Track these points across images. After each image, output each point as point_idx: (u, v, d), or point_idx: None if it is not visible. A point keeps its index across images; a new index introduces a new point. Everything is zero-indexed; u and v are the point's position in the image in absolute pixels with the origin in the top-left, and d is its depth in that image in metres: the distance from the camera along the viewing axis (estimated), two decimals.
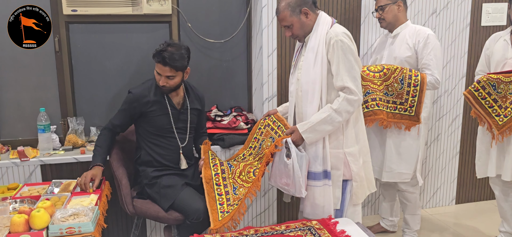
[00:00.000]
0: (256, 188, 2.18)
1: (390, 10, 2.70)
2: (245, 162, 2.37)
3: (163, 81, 2.33)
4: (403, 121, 2.64)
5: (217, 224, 2.10)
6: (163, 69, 2.30)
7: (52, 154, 2.69)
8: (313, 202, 2.27)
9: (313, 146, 2.23)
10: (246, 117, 3.04)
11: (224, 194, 2.25)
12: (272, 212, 3.16)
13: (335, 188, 2.26)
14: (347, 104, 2.14)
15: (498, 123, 2.58)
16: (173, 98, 2.45)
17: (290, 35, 2.28)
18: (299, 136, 2.20)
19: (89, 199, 2.22)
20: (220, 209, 2.18)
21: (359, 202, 2.32)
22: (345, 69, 2.13)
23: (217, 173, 2.36)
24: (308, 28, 2.24)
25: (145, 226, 2.92)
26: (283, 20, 2.24)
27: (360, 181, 2.29)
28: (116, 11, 2.75)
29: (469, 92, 2.63)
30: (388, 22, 2.73)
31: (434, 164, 3.50)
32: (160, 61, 2.29)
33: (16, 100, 2.83)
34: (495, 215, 3.38)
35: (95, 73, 2.94)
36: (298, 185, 2.19)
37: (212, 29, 3.07)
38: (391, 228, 3.12)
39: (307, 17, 2.21)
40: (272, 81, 2.96)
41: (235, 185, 2.27)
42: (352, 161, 2.25)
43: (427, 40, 2.61)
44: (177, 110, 2.46)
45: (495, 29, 3.37)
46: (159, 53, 2.28)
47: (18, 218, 1.86)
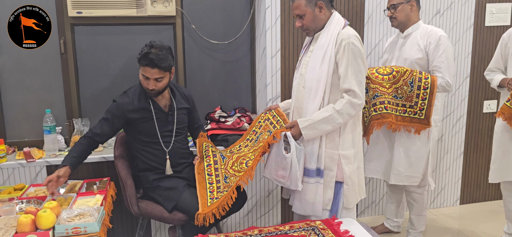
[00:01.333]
0: (249, 177, 2.19)
1: (403, 9, 2.65)
2: (239, 154, 2.38)
3: (152, 84, 2.28)
4: (413, 125, 2.60)
5: (205, 209, 2.14)
6: (151, 72, 2.25)
7: (58, 155, 2.71)
8: (303, 198, 2.28)
9: (310, 144, 2.24)
10: (250, 118, 3.05)
11: (215, 183, 2.28)
12: (276, 213, 3.16)
13: (327, 189, 2.26)
14: (350, 107, 2.14)
15: None
16: (159, 102, 2.43)
17: (300, 26, 2.27)
18: (298, 131, 2.21)
19: (94, 199, 2.23)
20: (209, 196, 2.21)
21: (350, 206, 2.29)
22: (353, 72, 2.13)
23: (210, 164, 2.40)
24: (320, 23, 2.24)
25: (150, 227, 2.94)
26: (297, 8, 2.23)
27: (352, 185, 2.27)
28: (121, 13, 2.77)
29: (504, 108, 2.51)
30: (400, 22, 2.68)
31: (438, 164, 3.49)
32: (147, 64, 2.24)
33: (22, 102, 2.86)
34: (500, 216, 3.37)
35: (100, 75, 2.96)
36: (295, 178, 2.21)
37: (216, 30, 3.08)
38: (395, 229, 3.12)
39: (321, 11, 2.21)
40: (276, 82, 2.97)
41: (226, 174, 2.30)
42: (346, 164, 2.24)
43: (438, 42, 2.56)
44: (165, 113, 2.44)
45: (499, 29, 3.36)
46: (145, 56, 2.23)
47: (24, 218, 1.88)
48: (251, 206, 3.10)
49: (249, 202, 3.08)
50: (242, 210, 3.02)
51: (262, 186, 3.09)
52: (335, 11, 2.27)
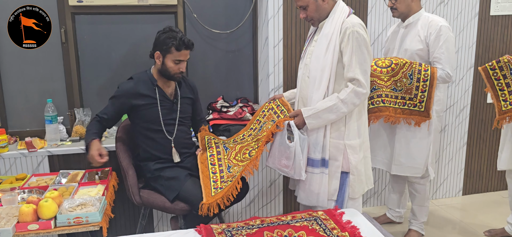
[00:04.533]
0: (254, 167, 2.19)
1: (403, 0, 2.62)
2: (242, 144, 2.38)
3: (184, 66, 2.36)
4: (413, 117, 2.58)
5: (210, 199, 2.14)
6: (186, 54, 2.35)
7: (60, 145, 2.71)
8: (308, 188, 2.28)
9: (314, 133, 2.23)
10: (252, 108, 3.03)
11: (218, 172, 2.28)
12: (278, 203, 3.16)
13: (333, 179, 2.25)
14: (354, 96, 2.12)
15: (501, 109, 2.52)
16: (166, 89, 2.44)
17: (304, 17, 2.25)
18: (302, 121, 2.20)
19: (96, 189, 2.24)
20: (213, 185, 2.21)
21: (356, 196, 2.28)
22: (357, 61, 2.11)
23: (212, 155, 2.41)
24: (324, 12, 2.22)
25: (152, 216, 2.94)
26: (299, 0, 2.22)
27: (358, 175, 2.26)
28: (122, 1, 2.74)
29: (484, 68, 2.53)
30: (401, 12, 2.65)
31: (441, 155, 3.48)
32: (186, 47, 2.32)
33: (24, 91, 2.85)
34: (502, 207, 3.37)
35: (101, 64, 2.94)
36: (298, 168, 2.20)
37: (218, 19, 3.05)
38: (398, 220, 3.12)
39: (324, 1, 2.19)
40: (278, 71, 2.95)
41: (229, 164, 2.30)
42: (351, 154, 2.22)
43: (439, 32, 2.52)
44: (170, 100, 2.45)
45: (504, 18, 3.33)
46: (181, 40, 2.29)
47: (26, 208, 1.88)
48: (253, 196, 3.10)
49: (251, 192, 3.07)
50: (244, 200, 3.02)
51: (265, 176, 3.08)
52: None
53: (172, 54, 2.31)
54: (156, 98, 2.40)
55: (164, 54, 2.33)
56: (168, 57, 2.32)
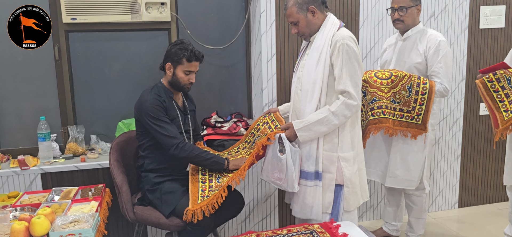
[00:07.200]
0: (241, 177, 2.20)
1: (411, 13, 2.63)
2: (235, 157, 2.40)
3: (193, 77, 2.40)
4: (410, 129, 2.59)
5: (195, 206, 2.14)
6: (196, 65, 2.38)
7: (53, 162, 2.69)
8: (302, 201, 2.27)
9: (307, 145, 2.23)
10: (246, 123, 3.03)
11: (208, 182, 2.29)
12: (274, 218, 3.14)
13: (327, 192, 2.24)
14: (345, 108, 2.13)
15: (503, 119, 2.52)
16: (178, 101, 2.47)
17: (295, 32, 2.28)
18: (294, 133, 2.20)
19: (89, 206, 2.21)
20: (201, 193, 2.22)
21: (351, 209, 2.27)
22: (348, 73, 2.12)
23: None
24: (315, 27, 2.24)
25: (146, 233, 2.90)
26: (289, 16, 2.25)
27: (352, 188, 2.25)
28: (115, 18, 2.76)
29: (482, 81, 2.51)
30: (406, 25, 2.67)
31: (435, 167, 3.48)
32: (197, 59, 2.36)
33: (16, 109, 2.84)
34: (499, 219, 3.36)
35: (95, 81, 2.94)
36: (291, 180, 2.20)
37: (211, 35, 3.08)
38: (394, 233, 3.10)
39: (314, 15, 2.22)
40: (272, 86, 2.96)
41: (219, 175, 2.32)
42: (345, 166, 2.22)
43: (438, 47, 2.56)
44: (183, 112, 2.49)
45: (493, 31, 3.38)
46: (192, 52, 2.33)
47: (18, 225, 1.85)
48: (249, 211, 3.07)
49: (247, 207, 3.05)
50: (239, 215, 3.00)
51: (260, 191, 3.07)
52: (329, 13, 2.27)
53: (183, 65, 2.34)
54: (176, 110, 2.42)
55: (175, 65, 2.35)
56: (179, 68, 2.35)
